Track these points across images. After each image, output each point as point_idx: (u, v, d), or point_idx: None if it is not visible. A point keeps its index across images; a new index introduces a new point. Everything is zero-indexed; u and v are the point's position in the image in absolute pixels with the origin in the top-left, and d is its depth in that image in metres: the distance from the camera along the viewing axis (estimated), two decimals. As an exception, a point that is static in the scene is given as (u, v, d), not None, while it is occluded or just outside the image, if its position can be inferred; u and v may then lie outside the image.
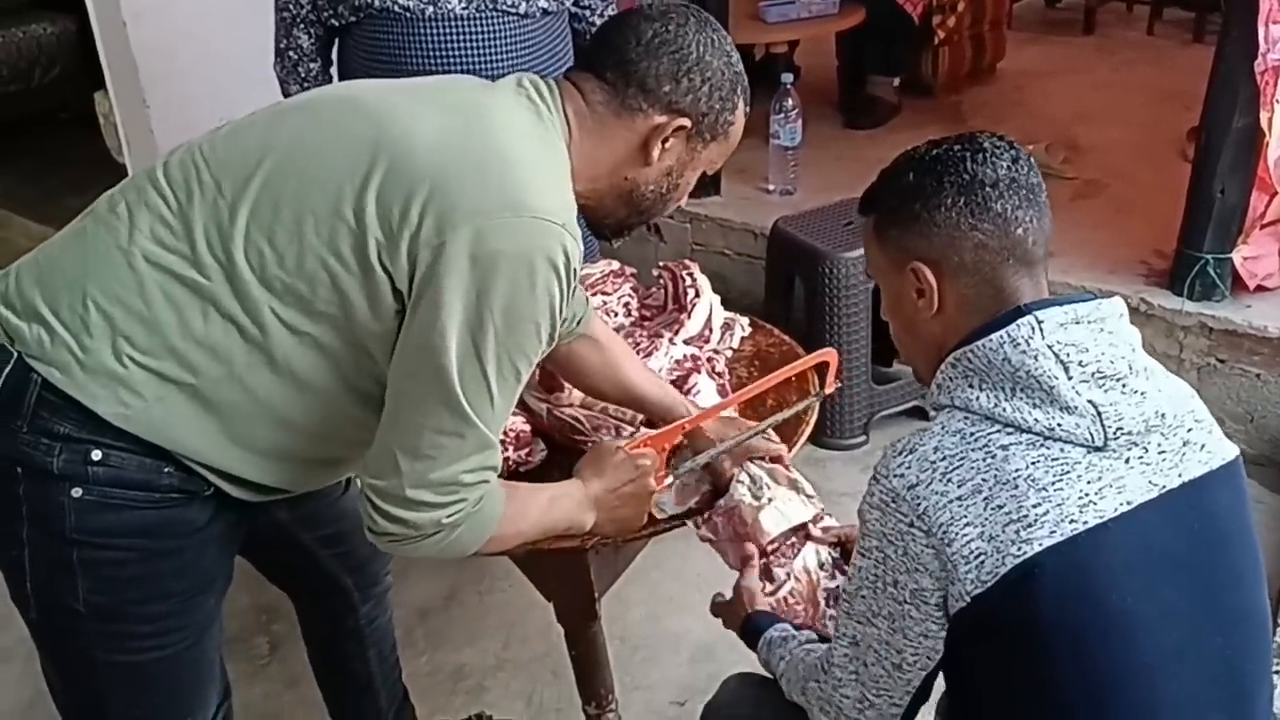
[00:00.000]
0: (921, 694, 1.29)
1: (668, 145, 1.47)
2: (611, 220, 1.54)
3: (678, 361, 2.04)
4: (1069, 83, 4.76)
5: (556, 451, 1.87)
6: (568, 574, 1.90)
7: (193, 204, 1.33)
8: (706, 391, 2.01)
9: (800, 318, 3.10)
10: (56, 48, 5.66)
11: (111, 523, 1.35)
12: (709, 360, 2.11)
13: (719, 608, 1.69)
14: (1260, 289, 2.97)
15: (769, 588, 1.66)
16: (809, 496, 1.76)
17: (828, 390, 1.87)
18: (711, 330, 2.24)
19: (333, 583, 1.87)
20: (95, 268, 1.32)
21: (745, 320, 2.33)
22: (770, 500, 1.69)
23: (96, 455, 1.32)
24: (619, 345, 1.86)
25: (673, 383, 2.01)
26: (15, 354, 1.31)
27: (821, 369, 1.94)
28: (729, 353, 2.25)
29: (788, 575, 1.67)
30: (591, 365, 1.80)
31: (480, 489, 1.37)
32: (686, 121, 1.46)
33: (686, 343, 2.15)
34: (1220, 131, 2.80)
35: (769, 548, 1.68)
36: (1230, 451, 1.26)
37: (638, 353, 2.01)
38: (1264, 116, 2.72)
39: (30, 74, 5.62)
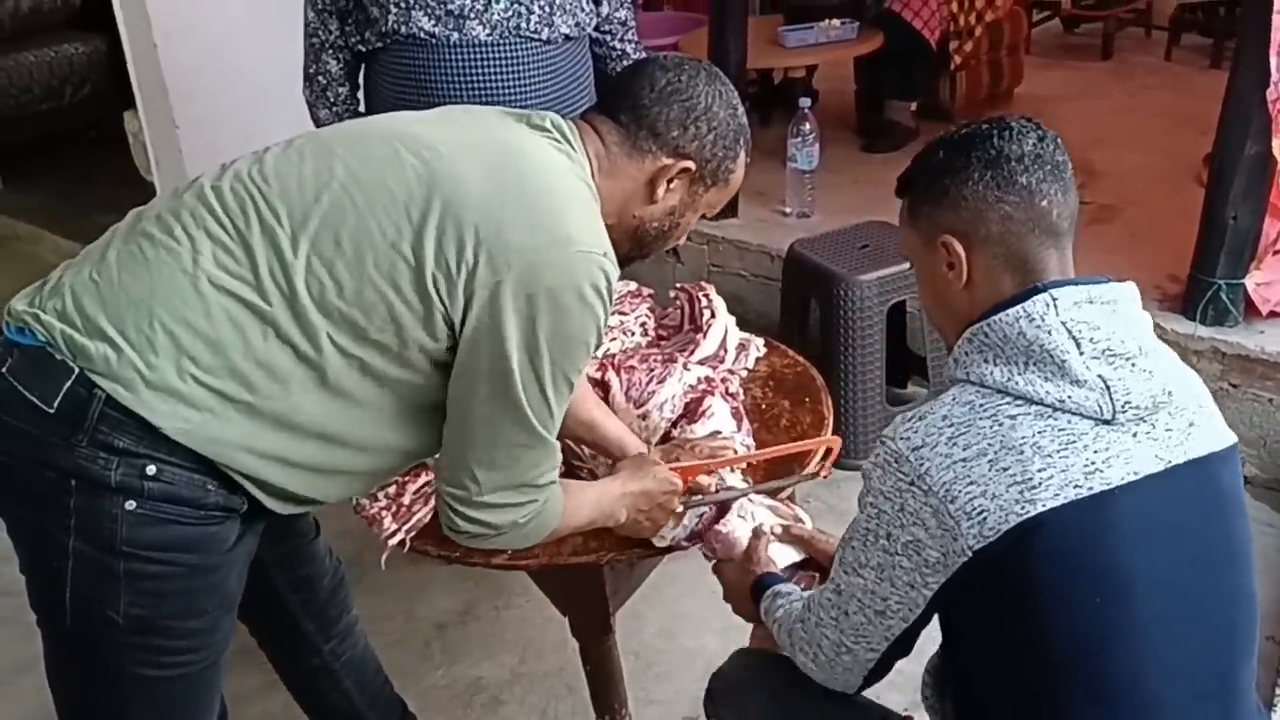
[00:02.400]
0: (900, 647, 1.35)
1: (672, 186, 1.58)
2: (617, 253, 1.60)
3: (691, 385, 2.08)
4: (1086, 108, 4.79)
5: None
6: (583, 589, 1.94)
7: (252, 231, 1.40)
8: (720, 414, 2.04)
9: (815, 339, 3.14)
10: (87, 67, 5.75)
11: (159, 537, 1.40)
12: (723, 381, 2.15)
13: (725, 569, 1.76)
14: (1273, 315, 2.99)
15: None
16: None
17: (824, 475, 1.95)
18: (726, 351, 2.28)
19: (294, 626, 1.93)
20: (162, 290, 1.38)
21: (760, 341, 2.37)
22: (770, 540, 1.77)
23: (151, 470, 1.37)
24: (582, 382, 1.92)
25: (687, 405, 2.05)
26: (78, 369, 1.36)
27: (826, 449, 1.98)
28: (744, 373, 2.29)
29: None
30: None
31: (549, 489, 1.54)
32: (691, 165, 1.57)
33: (701, 363, 2.19)
34: (1233, 158, 2.83)
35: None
36: (1231, 438, 1.32)
37: (651, 377, 2.06)
38: (1275, 144, 2.75)
39: (62, 92, 5.71)
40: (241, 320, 1.38)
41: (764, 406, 2.21)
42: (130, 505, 1.38)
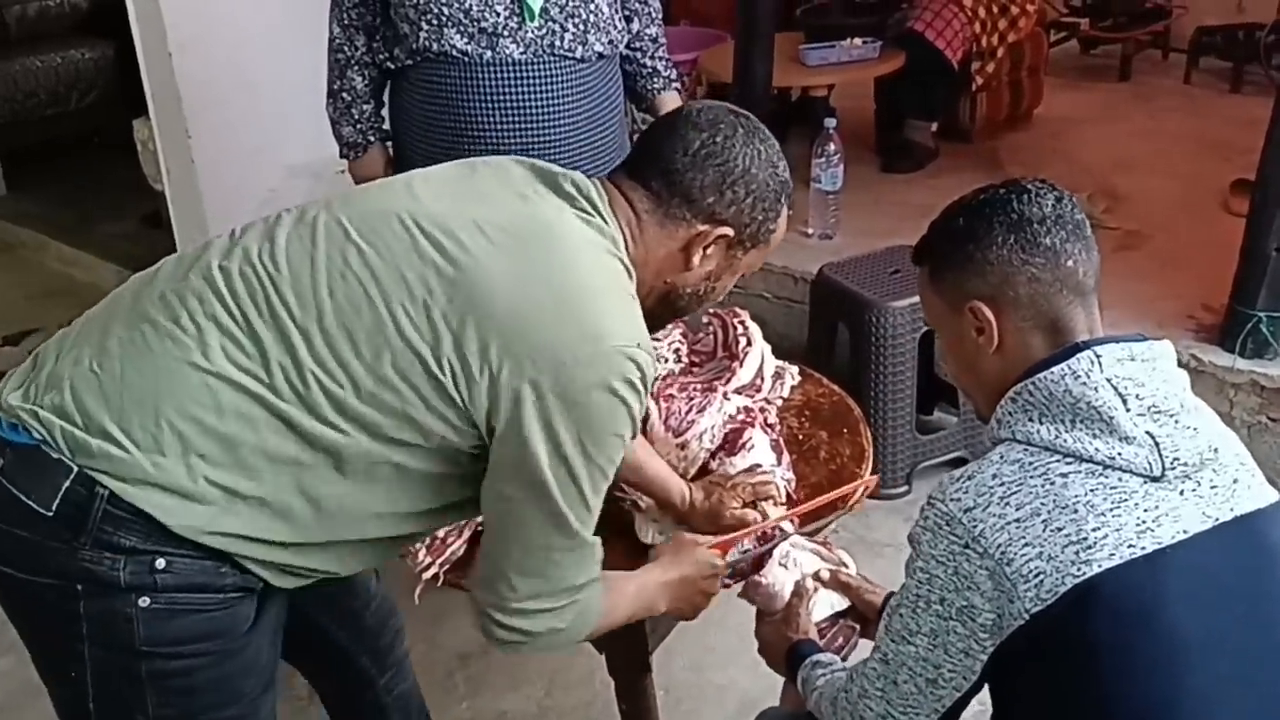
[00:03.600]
0: (951, 718, 1.31)
1: (709, 252, 1.49)
2: (648, 319, 1.53)
3: (731, 416, 2.03)
4: (1107, 130, 4.76)
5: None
6: (622, 627, 1.88)
7: (263, 322, 1.33)
8: (760, 446, 1.99)
9: (842, 364, 3.09)
10: (94, 73, 5.71)
11: (180, 629, 1.34)
12: (761, 411, 2.10)
13: (762, 627, 1.72)
14: (1312, 348, 2.94)
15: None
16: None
17: (858, 508, 1.95)
18: (763, 379, 2.22)
19: (348, 660, 1.85)
20: (169, 386, 1.31)
21: (795, 369, 2.32)
22: (816, 591, 1.72)
23: (161, 564, 1.31)
24: None
25: (726, 437, 2.00)
26: (76, 468, 1.29)
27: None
28: (780, 402, 2.23)
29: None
30: None
31: (589, 588, 1.44)
32: (729, 231, 1.47)
33: (738, 392, 2.13)
34: (1276, 189, 2.79)
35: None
36: (1275, 495, 1.30)
37: (691, 406, 2.01)
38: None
39: (68, 98, 5.68)
40: (253, 415, 1.31)
41: (801, 438, 2.16)
42: (144, 602, 1.31)
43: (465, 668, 2.58)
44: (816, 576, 1.74)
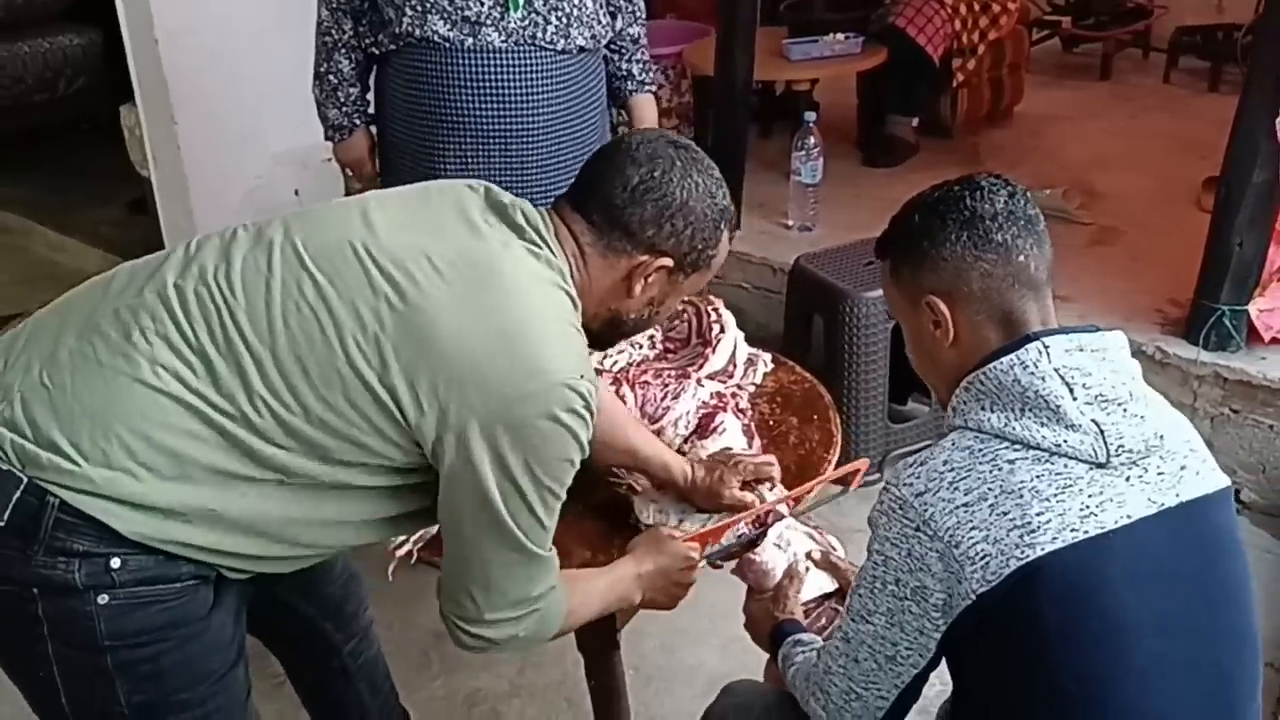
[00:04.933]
0: (911, 694, 1.35)
1: (650, 280, 1.53)
2: (594, 340, 1.58)
3: (704, 402, 2.07)
4: (1085, 128, 4.80)
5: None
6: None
7: (215, 346, 1.35)
8: (732, 430, 2.03)
9: (818, 353, 3.13)
10: (82, 59, 5.70)
11: (141, 621, 1.37)
12: (733, 396, 2.14)
13: (752, 604, 1.76)
14: (1275, 341, 2.99)
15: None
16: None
17: (854, 487, 2.02)
18: (735, 366, 2.26)
19: (311, 628, 1.89)
20: (118, 401, 1.33)
21: (768, 356, 2.36)
22: (807, 570, 1.77)
23: (116, 563, 1.33)
24: (619, 410, 1.91)
25: (699, 422, 2.04)
26: (26, 479, 1.31)
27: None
28: (752, 388, 2.27)
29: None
30: (598, 435, 1.86)
31: (548, 597, 1.50)
32: (669, 261, 1.52)
33: (710, 378, 2.17)
34: (1240, 185, 2.83)
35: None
36: (1223, 481, 1.34)
37: (665, 393, 2.05)
38: (1284, 171, 2.76)
39: (55, 84, 5.66)
40: (202, 434, 1.34)
41: (772, 423, 2.20)
42: (103, 599, 1.34)
43: (439, 646, 2.59)
44: (809, 557, 1.78)
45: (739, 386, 2.22)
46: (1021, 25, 4.86)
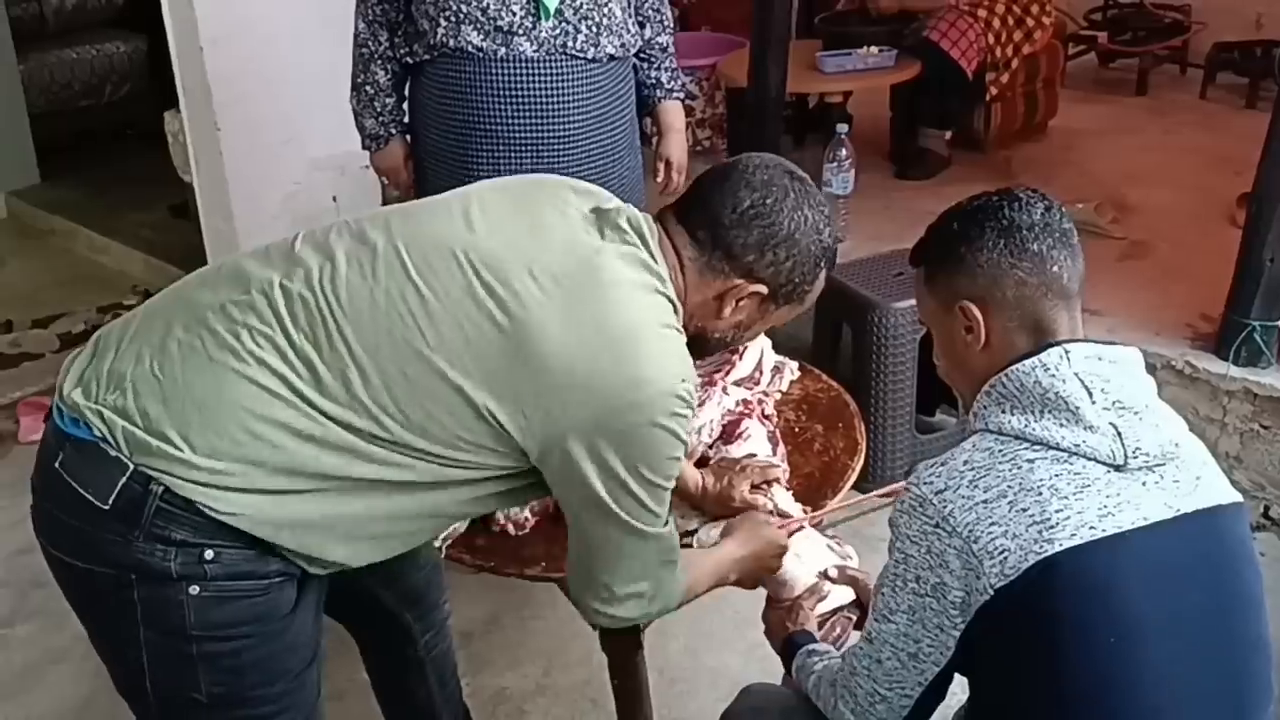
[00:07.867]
0: (935, 693, 1.37)
1: (741, 304, 1.55)
2: None
3: (730, 409, 2.10)
4: (1120, 143, 4.78)
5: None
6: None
7: (320, 353, 1.39)
8: (756, 436, 2.06)
9: (847, 363, 3.15)
10: (128, 66, 5.82)
11: (228, 614, 1.42)
12: (759, 403, 2.17)
13: (770, 613, 1.81)
14: (1306, 357, 2.98)
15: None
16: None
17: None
18: (762, 372, 2.29)
19: (392, 618, 1.93)
20: (228, 397, 1.38)
21: (794, 364, 2.39)
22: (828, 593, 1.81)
23: (209, 555, 1.39)
24: None
25: (724, 427, 2.07)
26: (133, 466, 1.36)
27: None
28: (778, 395, 2.30)
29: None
30: None
31: (669, 570, 1.57)
32: (764, 289, 1.53)
33: (737, 384, 2.20)
34: (1272, 201, 2.83)
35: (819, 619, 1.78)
36: (1237, 496, 1.36)
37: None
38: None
39: (101, 90, 5.79)
40: (309, 432, 1.38)
41: (797, 430, 2.23)
42: (194, 590, 1.39)
43: (467, 645, 2.62)
44: (826, 575, 1.81)
45: (765, 393, 2.25)
46: (1057, 40, 4.85)
